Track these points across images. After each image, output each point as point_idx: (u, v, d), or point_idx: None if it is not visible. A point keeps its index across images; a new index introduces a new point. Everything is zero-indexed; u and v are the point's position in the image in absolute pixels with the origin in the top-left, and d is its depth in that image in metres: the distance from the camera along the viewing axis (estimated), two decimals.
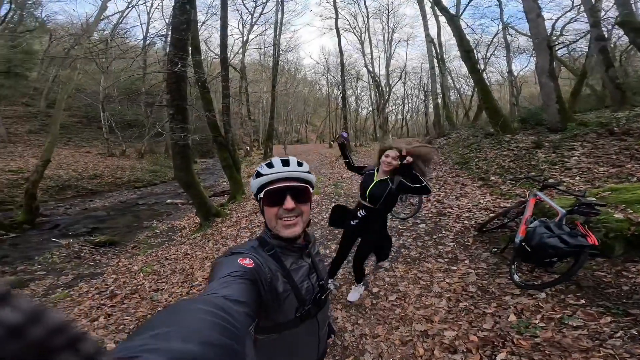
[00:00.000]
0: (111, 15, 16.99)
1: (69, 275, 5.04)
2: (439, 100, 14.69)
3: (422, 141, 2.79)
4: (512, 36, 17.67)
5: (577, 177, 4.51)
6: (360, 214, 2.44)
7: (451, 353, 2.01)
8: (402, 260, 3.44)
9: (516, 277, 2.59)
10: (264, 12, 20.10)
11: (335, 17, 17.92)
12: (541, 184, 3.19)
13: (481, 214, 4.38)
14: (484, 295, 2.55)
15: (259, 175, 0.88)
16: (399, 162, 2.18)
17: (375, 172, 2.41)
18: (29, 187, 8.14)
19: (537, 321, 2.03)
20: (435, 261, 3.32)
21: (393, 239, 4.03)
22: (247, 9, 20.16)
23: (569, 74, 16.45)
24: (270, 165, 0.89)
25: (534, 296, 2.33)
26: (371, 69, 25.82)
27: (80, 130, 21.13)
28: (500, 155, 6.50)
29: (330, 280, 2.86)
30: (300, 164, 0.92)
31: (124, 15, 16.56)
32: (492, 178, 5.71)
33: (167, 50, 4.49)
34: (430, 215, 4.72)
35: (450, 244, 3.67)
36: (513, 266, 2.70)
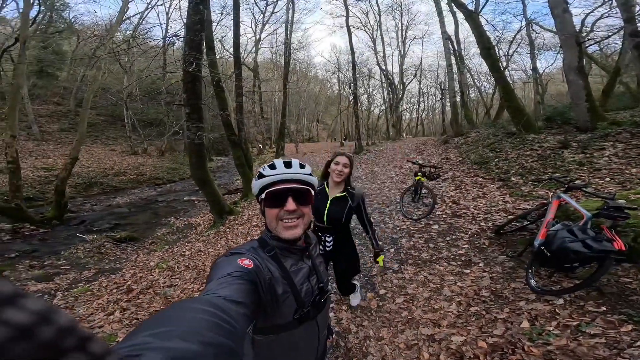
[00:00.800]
0: (132, 16, 17.66)
1: (91, 269, 5.26)
2: (457, 99, 14.21)
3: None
4: (536, 32, 16.84)
5: (607, 179, 4.20)
6: (326, 239, 2.06)
7: (457, 359, 1.91)
8: (412, 262, 3.33)
9: (533, 282, 2.43)
10: (275, 11, 20.52)
11: (346, 14, 17.70)
12: (566, 186, 2.99)
13: (499, 215, 4.17)
14: (497, 300, 2.41)
15: (261, 176, 0.89)
16: (350, 170, 1.96)
17: (326, 188, 2.02)
18: (58, 184, 8.57)
19: (551, 328, 1.89)
20: (447, 264, 3.19)
21: (404, 240, 3.96)
22: (259, 8, 20.60)
23: (601, 72, 15.46)
24: (272, 167, 0.89)
25: (550, 302, 2.18)
26: (384, 67, 25.48)
27: (105, 128, 22.00)
28: (523, 155, 6.19)
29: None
30: (302, 166, 0.91)
31: (144, 16, 17.24)
32: (513, 179, 5.44)
33: (183, 50, 4.61)
34: (444, 216, 4.55)
35: (465, 246, 3.51)
36: (530, 270, 2.54)
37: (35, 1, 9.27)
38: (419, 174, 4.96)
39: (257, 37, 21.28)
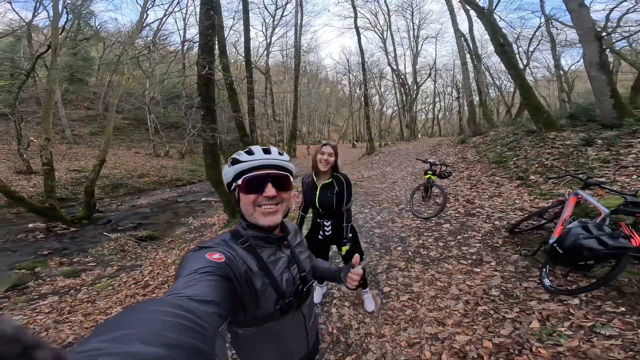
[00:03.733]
0: (151, 23, 18.42)
1: (114, 266, 5.49)
2: (474, 98, 13.75)
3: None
4: (557, 29, 16.01)
5: (635, 177, 3.92)
6: (324, 224, 2.22)
7: (460, 358, 1.85)
8: (420, 261, 3.26)
9: (546, 282, 2.31)
10: (284, 14, 20.89)
11: (354, 16, 17.58)
12: (584, 182, 2.84)
13: (515, 214, 3.99)
14: (507, 300, 2.31)
15: (236, 162, 0.85)
16: (334, 159, 2.09)
17: (315, 177, 2.18)
18: (87, 185, 8.99)
19: (563, 329, 1.79)
20: (457, 262, 3.09)
21: (412, 239, 3.88)
22: (269, 12, 21.05)
23: (631, 68, 14.49)
24: (250, 153, 0.86)
25: (565, 302, 2.06)
26: (395, 67, 25.11)
27: (131, 131, 22.86)
28: (543, 153, 5.91)
29: (319, 286, 2.79)
30: (281, 154, 0.90)
31: (162, 22, 17.99)
32: (532, 177, 5.20)
33: (197, 54, 4.81)
34: (456, 215, 4.42)
35: (477, 245, 3.39)
36: (544, 270, 2.42)
37: (64, 10, 9.71)
38: (429, 172, 4.85)
39: (268, 40, 21.70)
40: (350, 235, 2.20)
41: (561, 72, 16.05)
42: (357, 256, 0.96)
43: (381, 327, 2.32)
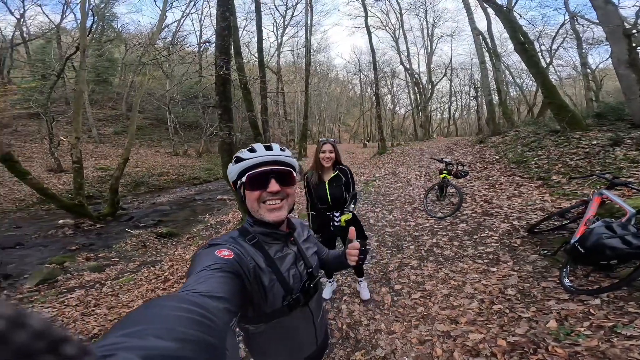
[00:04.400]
0: (170, 24, 18.95)
1: (136, 262, 5.67)
2: (493, 97, 13.32)
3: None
4: (583, 26, 15.27)
5: None
6: (334, 216, 2.30)
7: (472, 356, 1.82)
8: (433, 260, 3.21)
9: (566, 282, 2.23)
10: (294, 14, 21.16)
11: (365, 15, 17.35)
12: (609, 182, 2.72)
13: (536, 214, 3.85)
14: (524, 299, 2.24)
15: (239, 160, 0.86)
16: (335, 154, 2.23)
17: (319, 175, 2.29)
18: (112, 183, 9.29)
19: (582, 329, 1.72)
20: (472, 262, 3.03)
21: (425, 238, 3.83)
22: (280, 12, 21.38)
23: None
24: (252, 150, 0.87)
25: (585, 302, 1.98)
26: (408, 66, 24.66)
27: (151, 131, 23.40)
28: (567, 153, 5.67)
29: (329, 281, 2.81)
30: (282, 149, 0.90)
31: (181, 23, 18.57)
32: (555, 177, 5.00)
33: (214, 55, 4.96)
34: (473, 215, 4.31)
35: (494, 244, 3.30)
36: (565, 270, 2.34)
37: (90, 12, 10.07)
38: (445, 171, 4.77)
39: (279, 40, 22.06)
40: (353, 206, 2.28)
41: (588, 70, 15.27)
42: (352, 229, 0.97)
43: (391, 324, 2.31)
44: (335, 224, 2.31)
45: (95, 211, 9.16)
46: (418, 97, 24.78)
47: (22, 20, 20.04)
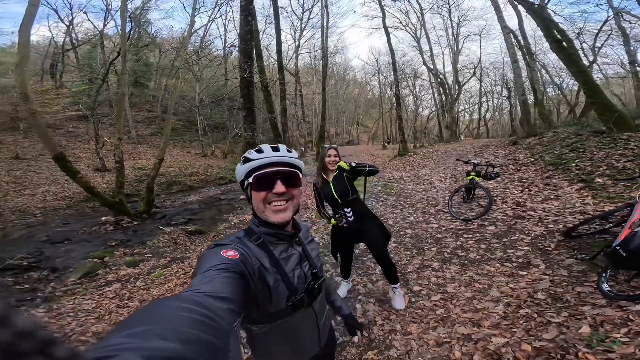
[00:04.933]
0: (198, 29, 19.71)
1: (167, 258, 5.88)
2: (528, 97, 12.46)
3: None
4: (630, 22, 13.93)
5: None
6: (346, 212, 2.38)
7: None
8: (457, 262, 3.06)
9: (605, 287, 2.03)
10: (311, 17, 21.47)
11: (382, 16, 17.10)
12: None
13: (574, 218, 3.55)
14: (555, 304, 2.07)
15: (247, 160, 0.87)
16: (338, 158, 2.40)
17: (324, 177, 2.44)
18: (148, 182, 9.73)
19: (619, 335, 1.56)
20: (500, 265, 2.85)
21: (449, 240, 3.66)
22: (297, 15, 21.79)
23: None
24: (259, 151, 0.88)
25: (624, 308, 1.78)
26: (432, 67, 23.80)
27: (183, 132, 24.45)
28: (613, 155, 5.20)
29: (345, 281, 2.78)
30: (289, 151, 0.91)
31: (208, 27, 19.28)
32: (598, 180, 4.59)
33: (239, 58, 5.18)
34: (503, 217, 4.06)
35: (525, 248, 3.09)
36: (604, 274, 2.13)
37: (128, 18, 10.80)
38: (472, 173, 4.55)
39: (297, 43, 22.43)
40: (357, 163, 2.36)
41: (638, 68, 13.89)
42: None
43: (408, 325, 2.23)
44: (349, 219, 2.37)
45: (132, 209, 9.61)
46: (443, 97, 23.89)
47: (70, 27, 22.10)
